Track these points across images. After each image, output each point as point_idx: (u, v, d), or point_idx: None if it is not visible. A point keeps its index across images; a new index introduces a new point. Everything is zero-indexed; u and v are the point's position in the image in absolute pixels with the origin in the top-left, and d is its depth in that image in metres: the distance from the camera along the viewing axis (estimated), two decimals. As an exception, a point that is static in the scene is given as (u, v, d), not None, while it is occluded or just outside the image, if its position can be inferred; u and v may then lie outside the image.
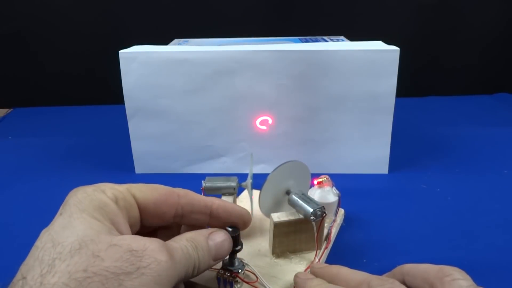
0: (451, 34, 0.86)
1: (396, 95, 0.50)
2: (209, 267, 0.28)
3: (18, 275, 0.21)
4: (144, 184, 0.28)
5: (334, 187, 0.40)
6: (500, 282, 0.34)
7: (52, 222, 0.23)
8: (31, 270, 0.20)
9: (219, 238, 0.28)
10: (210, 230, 0.28)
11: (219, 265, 0.30)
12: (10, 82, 0.87)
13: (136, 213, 0.27)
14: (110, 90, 0.68)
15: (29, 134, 0.71)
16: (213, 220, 0.30)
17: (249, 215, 0.31)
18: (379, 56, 0.49)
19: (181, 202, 0.28)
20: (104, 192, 0.25)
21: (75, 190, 0.25)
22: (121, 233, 0.24)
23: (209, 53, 0.50)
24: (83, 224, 0.22)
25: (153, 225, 0.29)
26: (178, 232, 0.31)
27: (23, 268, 0.21)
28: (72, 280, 0.20)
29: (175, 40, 0.68)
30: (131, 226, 0.26)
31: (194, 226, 0.30)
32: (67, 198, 0.24)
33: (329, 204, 0.39)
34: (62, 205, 0.24)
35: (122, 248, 0.21)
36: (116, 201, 0.25)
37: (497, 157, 0.59)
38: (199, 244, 0.26)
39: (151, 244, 0.22)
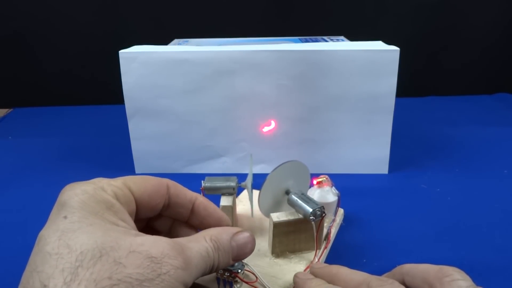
0: (451, 34, 0.86)
1: (396, 95, 0.50)
2: (228, 266, 0.28)
3: (36, 283, 0.20)
4: (136, 176, 0.28)
5: (333, 187, 0.40)
6: (500, 282, 0.34)
7: (56, 225, 0.22)
8: (52, 278, 0.20)
9: (243, 239, 0.28)
10: (235, 230, 0.28)
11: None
12: (10, 82, 0.87)
13: (134, 206, 0.27)
14: (110, 90, 0.68)
15: (29, 134, 0.71)
16: (193, 216, 0.30)
17: (228, 221, 0.31)
18: (379, 56, 0.49)
19: (170, 192, 0.29)
20: (104, 190, 0.25)
21: (69, 188, 0.24)
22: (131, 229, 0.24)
23: (209, 53, 0.50)
24: (99, 229, 0.22)
25: (145, 216, 0.29)
26: (165, 224, 0.31)
27: (40, 276, 0.20)
28: None
29: (175, 40, 0.68)
30: None
31: (175, 219, 0.30)
32: (65, 198, 0.23)
33: (329, 204, 0.39)
34: (60, 205, 0.23)
35: (141, 255, 0.22)
36: (117, 198, 0.25)
37: (497, 157, 0.59)
38: (221, 245, 0.26)
39: (169, 251, 0.22)
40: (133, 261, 0.21)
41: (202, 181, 0.38)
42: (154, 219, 0.30)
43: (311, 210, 0.33)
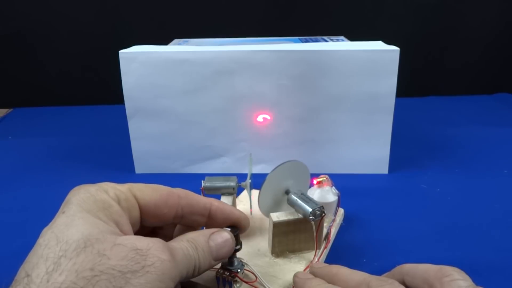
0: (451, 34, 0.86)
1: (396, 95, 0.50)
2: (211, 267, 0.28)
3: (22, 273, 0.20)
4: (144, 184, 0.28)
5: (333, 187, 0.40)
6: (500, 282, 0.34)
7: (54, 220, 0.23)
8: (36, 267, 0.20)
9: (221, 238, 0.28)
10: (212, 230, 0.28)
11: (219, 264, 0.30)
12: (10, 82, 0.87)
13: (137, 213, 0.27)
14: (110, 90, 0.68)
15: (29, 134, 0.71)
16: (211, 222, 0.30)
17: (247, 219, 0.31)
18: (379, 56, 0.49)
19: (181, 203, 0.28)
20: (107, 192, 0.25)
21: (77, 188, 0.25)
22: (125, 234, 0.24)
23: (209, 53, 0.50)
24: (88, 223, 0.22)
25: (153, 225, 0.29)
26: (171, 231, 0.31)
27: (26, 266, 0.20)
28: (80, 278, 0.20)
29: (175, 40, 0.68)
30: (131, 226, 0.26)
31: (191, 226, 0.30)
32: (69, 196, 0.24)
33: (328, 203, 0.39)
34: (64, 203, 0.24)
35: (127, 247, 0.22)
36: (118, 201, 0.25)
37: (497, 157, 0.59)
38: (199, 245, 0.26)
39: (154, 244, 0.23)
40: (117, 253, 0.21)
41: (202, 181, 0.38)
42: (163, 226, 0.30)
43: (310, 210, 0.33)
